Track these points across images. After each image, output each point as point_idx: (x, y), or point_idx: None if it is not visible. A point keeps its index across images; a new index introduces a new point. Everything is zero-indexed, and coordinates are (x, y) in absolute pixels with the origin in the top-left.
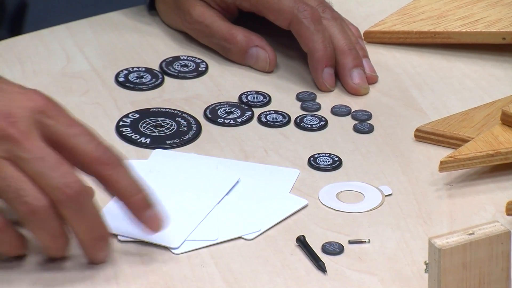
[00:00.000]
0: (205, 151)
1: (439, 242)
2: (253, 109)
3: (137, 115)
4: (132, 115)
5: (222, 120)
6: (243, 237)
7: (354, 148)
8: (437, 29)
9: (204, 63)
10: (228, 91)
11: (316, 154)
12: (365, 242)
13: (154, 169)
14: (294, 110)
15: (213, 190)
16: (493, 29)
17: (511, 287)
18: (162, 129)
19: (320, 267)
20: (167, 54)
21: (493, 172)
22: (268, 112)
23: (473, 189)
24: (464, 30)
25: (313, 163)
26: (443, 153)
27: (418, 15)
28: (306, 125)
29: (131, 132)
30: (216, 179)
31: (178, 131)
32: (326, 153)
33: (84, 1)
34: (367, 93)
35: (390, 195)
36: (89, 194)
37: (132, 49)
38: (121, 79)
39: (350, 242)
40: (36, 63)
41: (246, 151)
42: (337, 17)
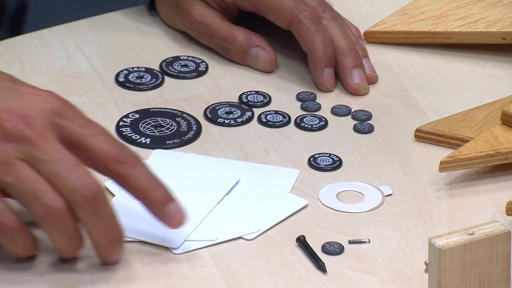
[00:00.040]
0: (205, 151)
1: (439, 242)
2: (253, 109)
3: (137, 115)
4: (132, 115)
5: (222, 120)
6: (243, 237)
7: (354, 148)
8: (437, 29)
9: (204, 63)
10: (228, 91)
11: (316, 154)
12: (365, 242)
13: (154, 169)
14: (294, 110)
15: (213, 190)
16: (493, 29)
17: (511, 287)
18: (162, 129)
19: (320, 267)
20: (167, 54)
21: (493, 172)
22: (268, 112)
23: (473, 189)
24: (464, 30)
25: (313, 163)
26: (443, 153)
27: (418, 15)
28: (306, 125)
29: (131, 132)
30: (216, 179)
31: (178, 131)
32: (326, 153)
33: (84, 1)
34: (367, 93)
35: (390, 195)
36: (105, 196)
37: (132, 49)
38: (121, 79)
39: (350, 242)
40: (36, 63)
41: (246, 151)
42: (337, 17)
